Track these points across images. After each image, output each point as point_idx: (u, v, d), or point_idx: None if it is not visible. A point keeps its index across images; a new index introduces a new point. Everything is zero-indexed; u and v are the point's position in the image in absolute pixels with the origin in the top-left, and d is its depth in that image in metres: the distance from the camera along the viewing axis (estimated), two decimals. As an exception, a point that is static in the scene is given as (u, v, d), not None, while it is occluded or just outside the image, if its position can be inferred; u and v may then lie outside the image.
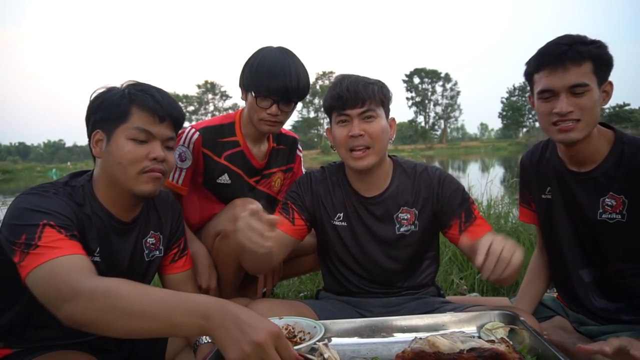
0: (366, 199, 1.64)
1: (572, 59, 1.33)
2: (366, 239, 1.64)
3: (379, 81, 1.61)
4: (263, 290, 2.02)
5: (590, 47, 1.35)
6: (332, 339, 1.27)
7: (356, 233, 1.64)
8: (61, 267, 1.04)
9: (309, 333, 1.22)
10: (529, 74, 1.47)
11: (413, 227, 1.62)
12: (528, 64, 1.47)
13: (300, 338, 1.22)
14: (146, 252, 1.46)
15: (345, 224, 1.65)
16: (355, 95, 1.51)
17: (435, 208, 1.61)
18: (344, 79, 1.56)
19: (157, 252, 1.50)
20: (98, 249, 1.30)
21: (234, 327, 0.84)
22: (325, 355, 1.06)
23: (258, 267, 1.66)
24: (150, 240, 1.47)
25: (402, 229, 1.62)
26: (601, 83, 1.37)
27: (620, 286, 1.49)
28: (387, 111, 1.60)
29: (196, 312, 0.89)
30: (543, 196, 1.64)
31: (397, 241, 1.63)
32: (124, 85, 1.35)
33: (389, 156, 1.69)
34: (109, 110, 1.29)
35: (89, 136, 1.33)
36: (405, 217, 1.62)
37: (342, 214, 1.65)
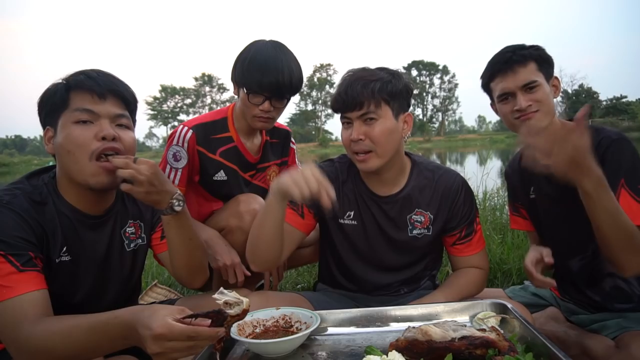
0: (380, 198, 1.56)
1: (518, 62, 1.49)
2: (377, 239, 1.58)
3: (389, 74, 1.48)
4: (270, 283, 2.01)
5: (530, 50, 1.52)
6: (328, 328, 1.29)
7: (368, 233, 1.58)
8: (8, 313, 1.06)
9: (305, 323, 1.23)
10: (485, 85, 1.61)
11: (426, 231, 1.56)
12: (482, 77, 1.61)
13: (296, 328, 1.24)
14: (126, 242, 1.41)
15: (356, 222, 1.58)
16: (353, 98, 1.43)
17: (448, 215, 1.56)
18: (346, 78, 1.48)
19: (140, 241, 1.45)
20: (65, 248, 1.26)
21: (142, 331, 0.92)
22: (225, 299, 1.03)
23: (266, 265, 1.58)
24: (130, 230, 1.42)
25: (414, 232, 1.56)
26: (548, 79, 1.53)
27: (607, 273, 1.52)
28: (397, 108, 1.48)
29: (119, 333, 0.98)
30: (530, 197, 1.68)
31: (407, 244, 1.57)
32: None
33: (407, 154, 1.62)
34: (49, 103, 1.26)
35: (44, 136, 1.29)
36: (420, 219, 1.56)
37: (352, 212, 1.58)
